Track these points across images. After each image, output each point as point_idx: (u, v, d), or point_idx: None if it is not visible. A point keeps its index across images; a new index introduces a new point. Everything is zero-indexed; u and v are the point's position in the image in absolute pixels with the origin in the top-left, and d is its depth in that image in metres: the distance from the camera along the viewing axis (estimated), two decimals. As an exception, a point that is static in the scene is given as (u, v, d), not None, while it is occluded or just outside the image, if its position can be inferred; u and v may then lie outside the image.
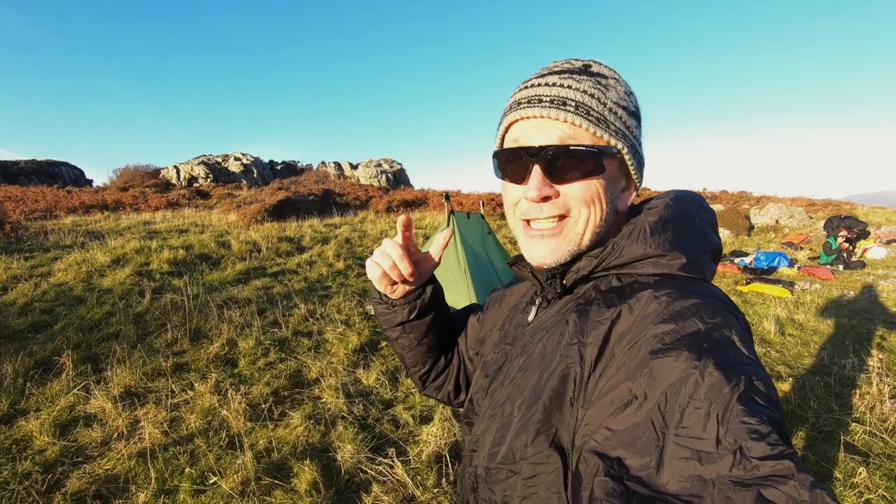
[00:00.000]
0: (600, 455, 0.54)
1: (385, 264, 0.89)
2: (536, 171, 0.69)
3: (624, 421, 0.54)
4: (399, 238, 0.90)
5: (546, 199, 0.70)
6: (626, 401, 0.56)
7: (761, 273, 8.82)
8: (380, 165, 28.38)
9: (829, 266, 9.37)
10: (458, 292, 5.43)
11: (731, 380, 0.51)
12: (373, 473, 2.92)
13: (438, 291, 0.99)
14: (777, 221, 14.66)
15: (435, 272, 0.98)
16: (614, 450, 0.53)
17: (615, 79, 0.73)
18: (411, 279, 0.91)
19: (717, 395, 0.50)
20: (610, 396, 0.57)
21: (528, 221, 0.75)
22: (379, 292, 0.97)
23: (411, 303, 0.95)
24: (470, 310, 1.09)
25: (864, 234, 10.66)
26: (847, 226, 10.40)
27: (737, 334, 0.58)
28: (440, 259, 0.95)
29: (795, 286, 7.69)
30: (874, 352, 4.40)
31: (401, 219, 0.89)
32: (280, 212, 12.95)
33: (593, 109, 0.68)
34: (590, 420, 0.59)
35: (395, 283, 0.93)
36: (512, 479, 0.65)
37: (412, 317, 0.96)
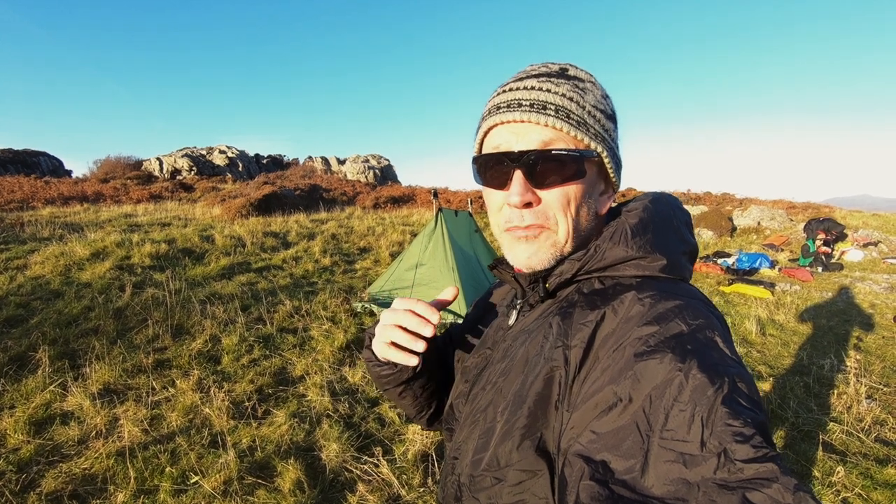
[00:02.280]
0: (585, 458, 0.54)
1: (400, 339, 0.77)
2: (518, 176, 0.69)
3: (609, 424, 0.54)
4: (422, 310, 0.78)
5: (528, 204, 0.70)
6: (610, 403, 0.55)
7: (743, 274, 8.98)
8: (367, 161, 28.21)
9: (808, 268, 9.58)
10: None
11: (715, 381, 0.51)
12: (358, 472, 2.90)
13: (434, 337, 0.92)
14: (759, 223, 14.93)
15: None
16: (599, 453, 0.53)
17: (592, 82, 0.73)
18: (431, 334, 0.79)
19: (702, 397, 0.50)
20: (595, 399, 0.57)
21: (510, 227, 0.74)
22: (377, 357, 0.86)
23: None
24: (450, 332, 1.05)
25: (842, 237, 10.91)
26: (825, 228, 10.64)
27: (719, 335, 0.58)
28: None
29: (776, 287, 7.85)
30: (851, 352, 4.51)
31: (450, 291, 0.81)
32: (265, 206, 12.80)
33: (573, 113, 0.68)
34: (575, 423, 0.58)
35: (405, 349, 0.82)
36: (497, 486, 0.64)
37: (417, 371, 0.87)
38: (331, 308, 5.85)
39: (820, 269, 9.60)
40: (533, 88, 0.69)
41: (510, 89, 0.71)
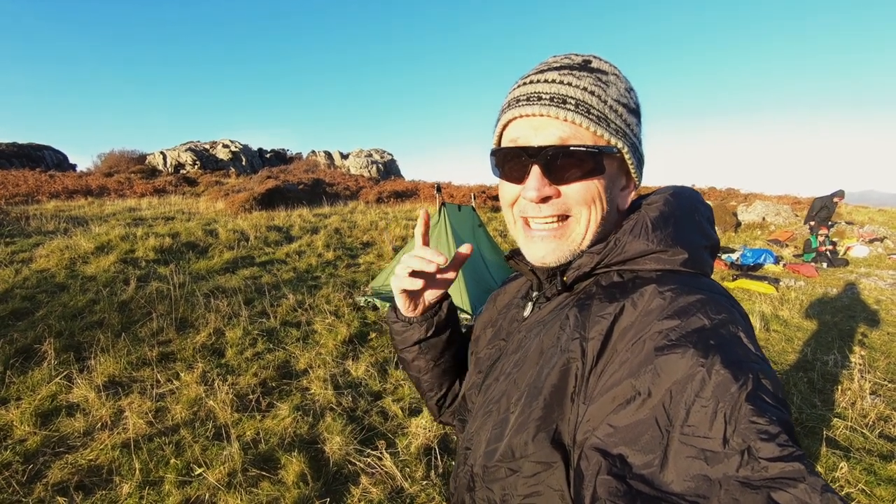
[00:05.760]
0: (602, 452, 0.53)
1: (421, 265, 0.81)
2: (535, 171, 0.68)
3: (627, 417, 0.54)
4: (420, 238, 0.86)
5: (545, 199, 0.69)
6: (629, 397, 0.55)
7: (747, 270, 8.94)
8: (370, 156, 28.17)
9: (813, 264, 9.53)
10: (449, 285, 5.42)
11: (739, 378, 0.50)
12: (361, 465, 2.91)
13: (453, 309, 0.96)
14: (764, 219, 14.86)
15: None
16: (616, 447, 0.52)
17: (615, 75, 0.71)
18: (440, 276, 0.87)
19: (725, 393, 0.49)
20: (612, 392, 0.57)
21: (526, 221, 0.73)
22: (396, 311, 0.93)
23: (428, 319, 0.91)
24: (472, 330, 1.08)
25: (825, 221, 10.48)
26: (825, 205, 10.39)
27: (742, 330, 0.57)
28: (458, 273, 0.92)
29: (780, 283, 7.81)
30: (856, 348, 4.48)
31: (421, 214, 0.86)
32: (269, 200, 12.81)
33: (594, 107, 0.66)
34: (591, 416, 0.58)
35: (416, 300, 0.89)
36: (512, 477, 0.64)
37: (429, 334, 0.91)
38: (334, 302, 5.86)
39: (825, 264, 9.56)
40: (553, 82, 0.67)
41: (531, 81, 0.70)
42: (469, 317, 5.01)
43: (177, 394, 3.69)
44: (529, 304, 0.82)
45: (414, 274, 0.83)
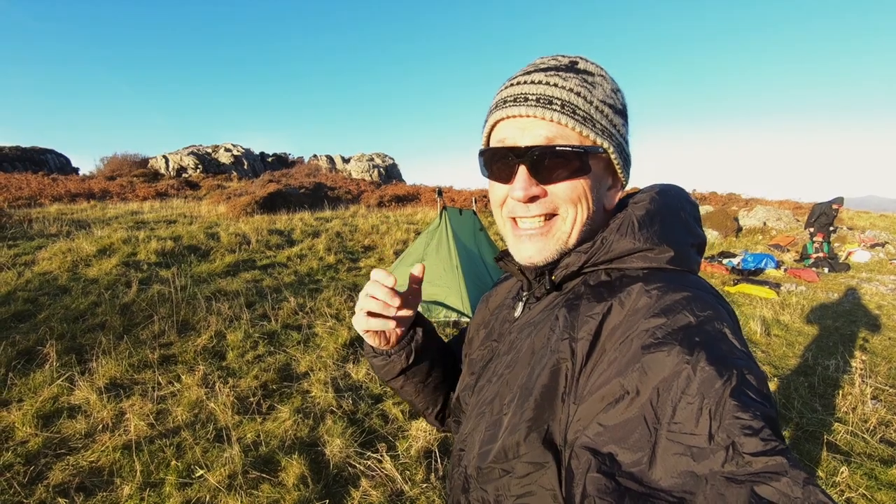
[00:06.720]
0: (592, 451, 0.54)
1: (373, 306, 0.80)
2: (522, 171, 0.69)
3: (616, 416, 0.54)
4: (383, 278, 0.82)
5: (533, 199, 0.70)
6: (617, 396, 0.55)
7: (748, 274, 8.93)
8: (372, 160, 28.24)
9: (814, 269, 9.53)
10: (450, 288, 5.44)
11: (724, 374, 0.51)
12: (361, 468, 2.91)
13: (429, 328, 0.94)
14: (765, 223, 14.85)
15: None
16: (606, 445, 0.53)
17: (602, 76, 0.72)
18: (400, 313, 0.82)
19: (710, 389, 0.50)
20: (601, 392, 0.57)
21: (515, 220, 0.74)
22: (372, 347, 0.90)
23: (406, 347, 0.89)
24: (465, 332, 1.07)
25: (826, 229, 10.38)
26: (824, 212, 10.29)
27: (728, 327, 0.58)
28: (420, 294, 0.90)
29: (781, 288, 7.80)
30: (857, 353, 4.48)
31: (417, 267, 0.86)
32: (270, 204, 12.84)
33: (580, 108, 0.67)
34: (581, 416, 0.58)
35: (386, 334, 0.87)
36: (505, 478, 0.65)
37: (411, 361, 0.89)
38: (335, 305, 5.87)
39: (826, 269, 9.55)
40: (540, 83, 0.68)
41: (518, 83, 0.70)
42: (469, 320, 5.01)
43: (178, 396, 3.69)
44: (520, 305, 0.83)
45: (373, 314, 0.82)
